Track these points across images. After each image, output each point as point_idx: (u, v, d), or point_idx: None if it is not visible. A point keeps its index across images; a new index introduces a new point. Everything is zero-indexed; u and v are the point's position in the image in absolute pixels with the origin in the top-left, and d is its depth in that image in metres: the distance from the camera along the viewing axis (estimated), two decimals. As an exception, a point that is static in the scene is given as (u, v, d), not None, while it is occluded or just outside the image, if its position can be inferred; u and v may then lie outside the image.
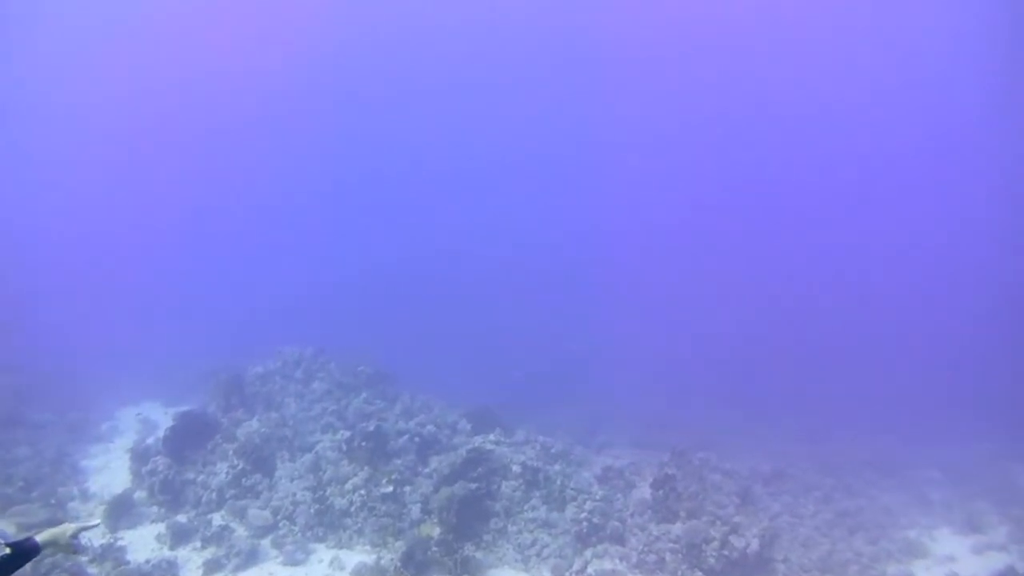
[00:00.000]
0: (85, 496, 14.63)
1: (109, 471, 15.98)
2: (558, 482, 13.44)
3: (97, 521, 4.73)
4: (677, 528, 12.64)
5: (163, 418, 18.44)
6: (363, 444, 13.56)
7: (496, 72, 59.09)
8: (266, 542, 12.95)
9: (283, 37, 59.35)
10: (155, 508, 14.05)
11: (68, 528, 3.65)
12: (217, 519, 13.50)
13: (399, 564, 11.58)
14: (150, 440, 16.48)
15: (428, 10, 55.49)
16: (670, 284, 40.46)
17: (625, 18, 53.87)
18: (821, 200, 51.60)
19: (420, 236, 51.12)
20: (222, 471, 14.24)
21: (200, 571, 12.03)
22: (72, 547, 3.65)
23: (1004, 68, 36.31)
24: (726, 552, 12.09)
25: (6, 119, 47.77)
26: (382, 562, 11.94)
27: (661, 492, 13.14)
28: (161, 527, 13.29)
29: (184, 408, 17.02)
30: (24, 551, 3.40)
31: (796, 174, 54.34)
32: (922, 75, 47.84)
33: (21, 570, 3.47)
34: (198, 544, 12.85)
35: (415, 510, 12.82)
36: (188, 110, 59.40)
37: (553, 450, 15.22)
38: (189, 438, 15.05)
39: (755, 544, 12.30)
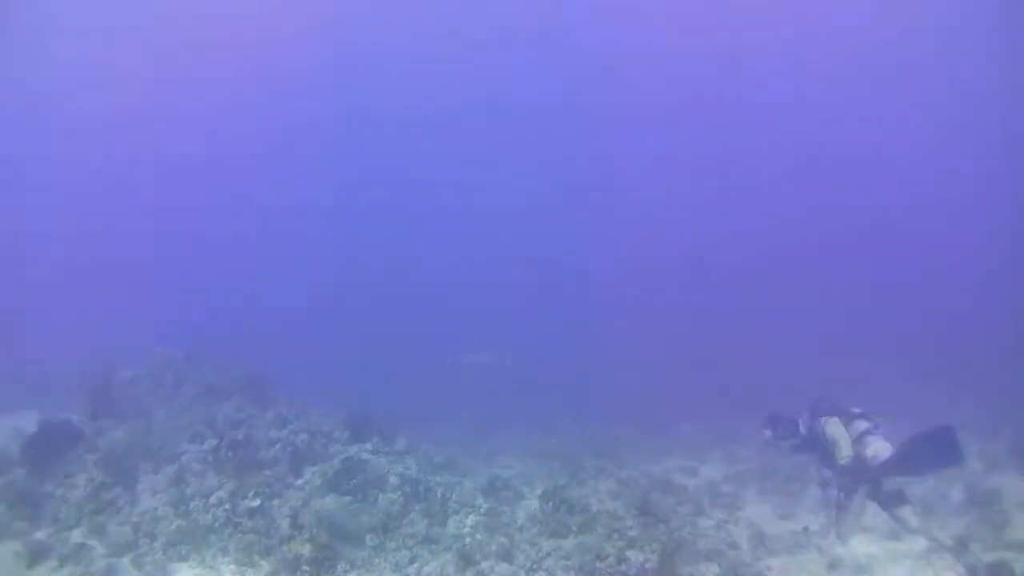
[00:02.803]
0: (-51, 511, 13.34)
1: (-25, 484, 14.70)
2: (439, 494, 12.55)
3: None
4: (569, 543, 11.86)
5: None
6: (230, 454, 12.54)
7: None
8: (126, 561, 11.82)
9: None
10: (14, 522, 12.81)
11: None
12: (76, 535, 12.33)
13: (262, 586, 10.63)
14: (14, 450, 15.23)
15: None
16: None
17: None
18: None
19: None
20: (82, 483, 13.10)
21: (56, 592, 10.90)
22: None
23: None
24: (623, 568, 11.29)
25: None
26: (245, 583, 11.02)
27: (551, 504, 12.36)
28: (19, 544, 11.97)
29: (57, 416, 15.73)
30: None
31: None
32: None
33: None
34: (55, 563, 11.66)
35: (284, 525, 11.83)
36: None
37: (436, 459, 14.36)
38: (52, 448, 13.89)
39: (654, 559, 11.63)
